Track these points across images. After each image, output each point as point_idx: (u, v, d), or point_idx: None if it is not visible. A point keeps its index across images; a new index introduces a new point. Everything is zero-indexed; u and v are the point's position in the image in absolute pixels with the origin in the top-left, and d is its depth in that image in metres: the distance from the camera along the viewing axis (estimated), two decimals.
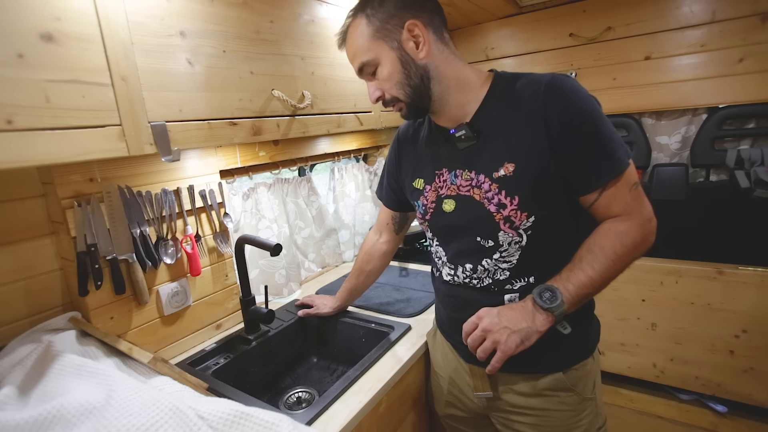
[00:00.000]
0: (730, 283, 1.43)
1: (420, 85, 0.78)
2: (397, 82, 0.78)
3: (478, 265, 0.83)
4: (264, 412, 0.70)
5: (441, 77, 0.78)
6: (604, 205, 0.76)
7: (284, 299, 1.42)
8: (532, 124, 0.74)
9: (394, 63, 0.77)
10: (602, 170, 0.73)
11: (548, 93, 0.73)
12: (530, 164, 0.75)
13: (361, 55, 0.79)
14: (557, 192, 0.77)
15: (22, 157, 0.60)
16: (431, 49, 0.77)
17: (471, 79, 0.81)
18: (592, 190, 0.76)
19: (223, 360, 1.10)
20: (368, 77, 0.82)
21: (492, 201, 0.78)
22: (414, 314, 1.22)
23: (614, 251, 0.74)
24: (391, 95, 0.80)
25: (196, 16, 0.83)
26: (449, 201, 0.84)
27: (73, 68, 0.65)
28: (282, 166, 1.42)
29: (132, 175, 0.99)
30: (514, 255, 0.80)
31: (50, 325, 0.88)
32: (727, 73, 1.42)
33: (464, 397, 0.95)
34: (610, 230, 0.76)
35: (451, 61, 0.80)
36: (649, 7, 1.50)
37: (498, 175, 0.77)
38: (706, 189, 1.60)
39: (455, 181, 0.83)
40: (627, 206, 0.75)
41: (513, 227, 0.78)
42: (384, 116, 1.44)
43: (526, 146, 0.75)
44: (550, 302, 0.73)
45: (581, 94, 0.73)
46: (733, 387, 1.49)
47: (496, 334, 0.75)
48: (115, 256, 0.94)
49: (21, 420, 0.61)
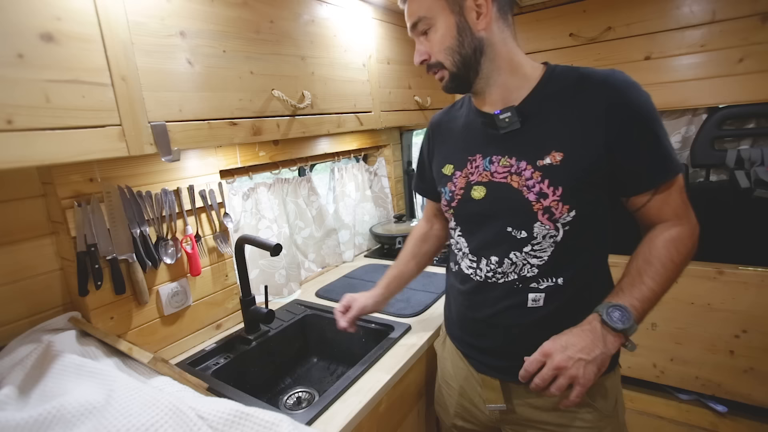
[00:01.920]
0: (730, 283, 1.43)
1: (471, 57, 0.75)
2: (447, 47, 0.75)
3: (504, 258, 0.78)
4: (264, 412, 0.70)
5: (495, 55, 0.76)
6: (656, 208, 0.74)
7: (284, 299, 1.42)
8: (588, 116, 0.71)
9: (450, 27, 0.74)
10: (658, 170, 0.71)
11: (610, 85, 0.71)
12: (581, 156, 0.71)
13: (419, 11, 0.76)
14: (601, 191, 0.74)
15: (22, 157, 0.60)
16: (491, 24, 0.74)
17: (525, 66, 0.78)
18: (645, 191, 0.73)
19: (223, 360, 1.10)
20: (419, 35, 0.79)
21: (532, 189, 0.74)
22: (414, 314, 1.22)
23: (671, 260, 0.71)
24: (437, 60, 0.77)
25: (196, 16, 0.83)
26: (479, 188, 0.81)
27: (73, 68, 0.65)
28: (282, 166, 1.42)
29: (132, 175, 0.99)
30: (546, 250, 0.76)
31: (50, 325, 0.88)
32: (727, 73, 1.42)
33: (475, 409, 0.91)
34: (664, 237, 0.73)
35: (509, 43, 0.77)
36: (649, 7, 1.49)
37: (543, 163, 0.73)
38: (706, 189, 1.60)
39: (489, 167, 0.79)
40: (678, 210, 0.73)
41: (552, 219, 0.74)
42: (384, 116, 1.44)
43: (578, 137, 0.72)
44: (622, 323, 0.68)
45: (642, 92, 0.71)
46: (733, 387, 1.49)
47: (572, 370, 0.67)
48: (115, 256, 0.94)
49: (21, 420, 0.61)
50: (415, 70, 1.63)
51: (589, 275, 0.79)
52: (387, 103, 1.45)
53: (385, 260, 1.74)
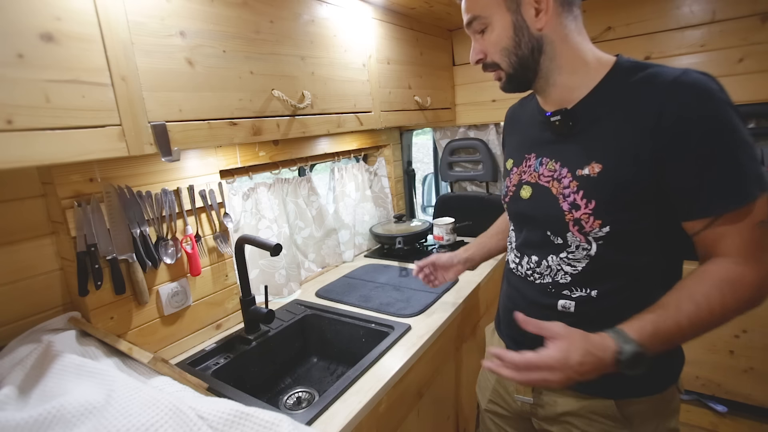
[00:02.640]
0: None
1: (528, 57, 0.72)
2: (503, 47, 0.72)
3: (543, 259, 0.78)
4: (264, 412, 0.70)
5: (555, 54, 0.71)
6: (713, 240, 0.63)
7: (284, 299, 1.42)
8: (638, 122, 0.64)
9: (506, 26, 0.70)
10: (716, 196, 0.60)
11: (673, 90, 0.62)
12: (619, 168, 0.66)
13: (474, 9, 0.73)
14: (647, 206, 0.66)
15: (22, 157, 0.60)
16: (552, 21, 0.69)
17: (589, 63, 0.72)
18: (697, 217, 0.63)
19: (223, 360, 1.10)
20: (475, 34, 0.76)
21: (567, 199, 0.71)
22: (414, 314, 1.22)
23: (722, 304, 0.60)
24: (493, 60, 0.74)
25: (196, 16, 0.83)
26: (527, 187, 0.80)
27: (73, 68, 0.65)
28: (282, 166, 1.42)
29: (132, 175, 0.99)
30: (580, 261, 0.72)
31: (50, 325, 0.88)
32: (727, 73, 1.42)
33: (508, 397, 0.91)
34: (720, 276, 0.62)
35: (572, 39, 0.71)
36: (649, 7, 1.50)
37: (582, 174, 0.70)
38: None
39: (539, 168, 0.78)
40: (745, 249, 0.61)
41: (582, 232, 0.70)
42: (384, 116, 1.44)
43: (621, 147, 0.66)
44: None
45: (715, 97, 0.60)
46: (733, 387, 1.49)
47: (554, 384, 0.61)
48: (115, 256, 0.94)
49: (21, 420, 0.61)
50: (415, 70, 1.63)
51: (628, 293, 0.71)
52: (387, 103, 1.45)
53: (386, 260, 1.74)
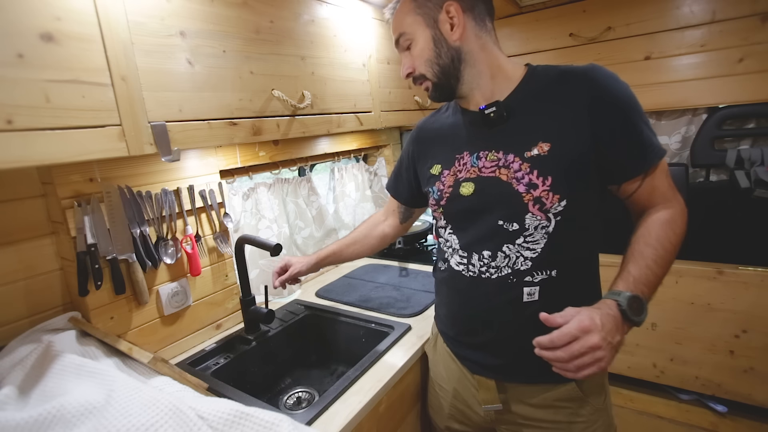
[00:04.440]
0: (730, 283, 1.43)
1: (449, 66, 0.80)
2: (426, 59, 0.81)
3: (497, 251, 0.79)
4: (264, 412, 0.70)
5: (474, 61, 0.80)
6: (647, 193, 0.76)
7: (284, 299, 1.42)
8: (570, 107, 0.74)
9: (427, 40, 0.80)
10: (646, 155, 0.74)
11: (590, 78, 0.74)
12: (568, 145, 0.74)
13: (400, 27, 0.83)
14: (592, 179, 0.77)
15: (22, 157, 0.60)
16: (466, 33, 0.78)
17: (506, 68, 0.82)
18: (635, 176, 0.75)
19: (223, 360, 1.10)
20: (403, 51, 0.85)
21: (521, 181, 0.76)
22: (414, 314, 1.22)
23: (670, 242, 0.73)
24: (420, 72, 0.83)
25: (196, 16, 0.83)
26: (467, 184, 0.82)
27: (73, 68, 0.65)
28: (282, 166, 1.42)
29: (132, 175, 0.99)
30: (539, 242, 0.76)
31: (50, 325, 0.88)
32: (727, 73, 1.42)
33: (469, 411, 0.92)
34: (659, 219, 0.75)
35: (488, 48, 0.80)
36: (649, 7, 1.49)
37: (530, 155, 0.76)
38: (706, 189, 1.60)
39: (477, 163, 0.82)
40: (667, 193, 0.76)
41: (543, 209, 0.75)
42: (384, 116, 1.44)
43: (564, 128, 0.75)
44: (638, 314, 0.66)
45: (622, 83, 0.75)
46: (733, 387, 1.49)
47: (603, 352, 0.61)
48: (115, 256, 0.94)
49: (21, 420, 0.61)
50: None
51: (582, 267, 0.81)
52: (387, 103, 1.45)
53: (385, 260, 1.74)
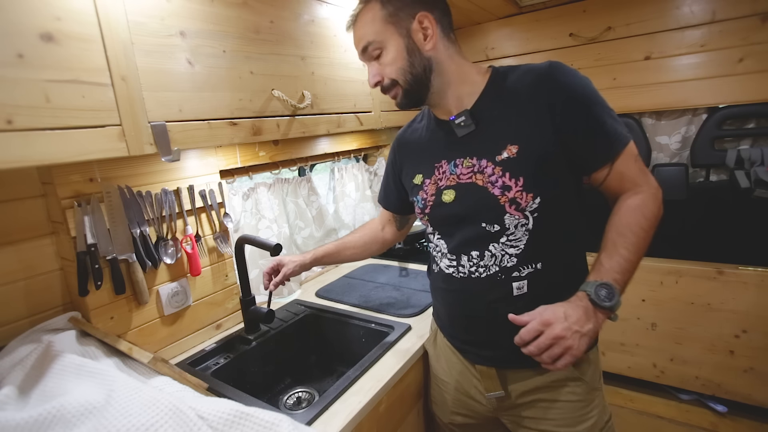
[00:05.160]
0: (730, 283, 1.43)
1: (421, 75, 0.81)
2: (399, 67, 0.81)
3: (484, 251, 0.82)
4: (264, 412, 0.70)
5: (443, 71, 0.82)
6: (617, 180, 0.78)
7: (284, 299, 1.42)
8: (533, 106, 0.77)
9: (400, 50, 0.80)
10: (610, 143, 0.76)
11: (549, 76, 0.76)
12: (534, 144, 0.76)
13: (368, 36, 0.82)
14: (562, 174, 0.79)
15: (22, 157, 0.60)
16: (437, 44, 0.80)
17: (472, 75, 0.84)
18: (602, 165, 0.78)
19: (223, 360, 1.10)
20: (370, 60, 0.84)
21: (496, 184, 0.79)
22: (414, 314, 1.22)
23: (640, 227, 0.75)
24: (391, 79, 0.83)
25: (196, 16, 0.83)
26: (448, 191, 0.85)
27: (73, 68, 0.65)
28: (282, 166, 1.42)
29: (132, 175, 0.99)
30: (521, 239, 0.79)
31: (50, 325, 0.88)
32: (727, 73, 1.42)
33: (472, 402, 0.94)
34: (629, 206, 0.77)
35: (455, 58, 0.83)
36: (649, 7, 1.49)
37: (501, 158, 0.78)
38: (706, 189, 1.60)
39: (455, 170, 0.84)
40: (637, 178, 0.78)
41: (519, 209, 0.78)
42: (384, 116, 1.44)
43: (528, 128, 0.77)
44: (609, 300, 0.72)
45: (579, 75, 0.77)
46: (733, 387, 1.49)
47: (569, 341, 0.69)
48: (115, 256, 0.94)
49: (21, 420, 0.61)
50: None
51: (567, 257, 0.84)
52: (387, 103, 1.45)
53: (386, 260, 1.74)
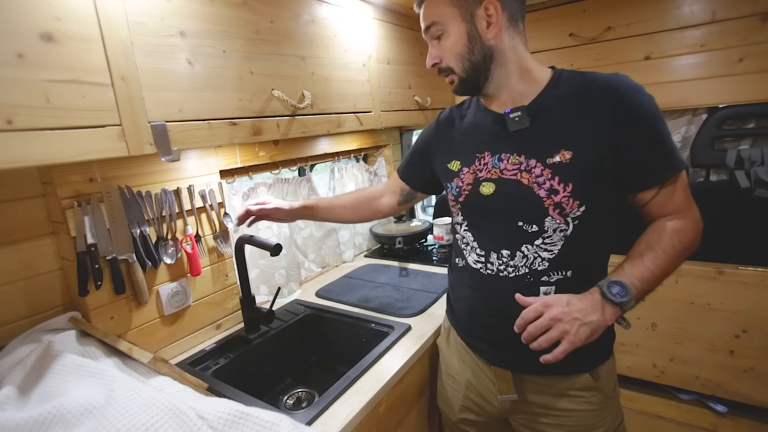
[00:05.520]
0: (730, 283, 1.43)
1: (481, 64, 0.79)
2: (458, 53, 0.79)
3: (516, 251, 0.81)
4: (264, 412, 0.70)
5: (505, 62, 0.80)
6: (661, 203, 0.78)
7: (284, 299, 1.42)
8: (594, 116, 0.75)
9: (461, 34, 0.78)
10: (663, 167, 0.75)
11: (617, 90, 0.74)
12: (588, 154, 0.75)
13: (432, 16, 0.80)
14: (608, 186, 0.78)
15: (22, 157, 0.60)
16: (501, 33, 0.78)
17: (534, 71, 0.82)
18: (650, 186, 0.77)
19: (223, 360, 1.10)
20: (432, 40, 0.83)
21: (543, 186, 0.78)
22: (414, 314, 1.22)
23: (673, 248, 0.75)
24: (448, 65, 0.81)
25: (196, 16, 0.83)
26: (488, 184, 0.83)
27: (73, 68, 0.65)
28: (282, 166, 1.42)
29: (132, 175, 0.99)
30: (557, 244, 0.79)
31: (50, 325, 0.88)
32: (727, 73, 1.42)
33: (483, 401, 0.93)
34: (667, 227, 0.77)
35: (519, 49, 0.80)
36: (649, 7, 1.49)
37: (552, 161, 0.77)
38: (706, 189, 1.60)
39: (498, 164, 0.83)
40: (682, 205, 0.77)
41: (562, 214, 0.77)
42: (384, 116, 1.44)
43: (585, 136, 0.76)
44: (620, 296, 0.71)
45: (646, 94, 0.75)
46: (733, 387, 1.49)
47: (566, 324, 0.69)
48: (115, 256, 0.94)
49: (21, 420, 0.61)
50: (415, 70, 1.63)
51: (595, 267, 0.83)
52: (387, 103, 1.45)
53: (386, 260, 1.74)
